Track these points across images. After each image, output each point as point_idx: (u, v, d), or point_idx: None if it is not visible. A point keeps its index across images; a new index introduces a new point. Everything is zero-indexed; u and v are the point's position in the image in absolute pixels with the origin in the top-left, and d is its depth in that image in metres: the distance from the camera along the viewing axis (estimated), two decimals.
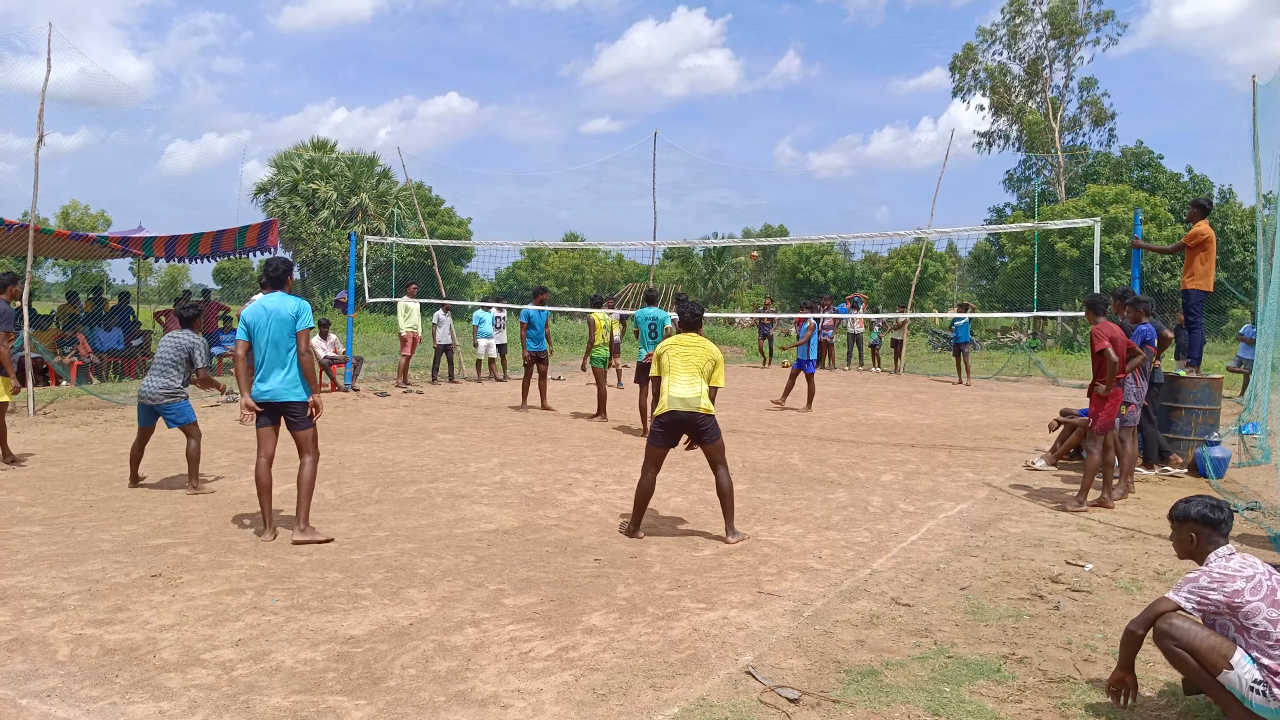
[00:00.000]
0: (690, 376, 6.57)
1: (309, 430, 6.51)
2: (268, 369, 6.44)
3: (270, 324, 6.41)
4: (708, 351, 6.69)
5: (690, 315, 6.97)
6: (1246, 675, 3.59)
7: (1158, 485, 9.01)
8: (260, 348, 6.46)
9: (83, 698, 3.89)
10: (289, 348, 6.43)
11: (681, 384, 6.55)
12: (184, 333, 8.23)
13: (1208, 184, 43.07)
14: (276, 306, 6.45)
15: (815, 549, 6.51)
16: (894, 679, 4.22)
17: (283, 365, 6.42)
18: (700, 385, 6.57)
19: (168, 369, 8.02)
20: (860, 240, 19.44)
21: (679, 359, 6.63)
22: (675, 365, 6.62)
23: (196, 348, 8.12)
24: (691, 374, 6.58)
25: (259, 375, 6.49)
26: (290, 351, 6.43)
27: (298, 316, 6.44)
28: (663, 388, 6.64)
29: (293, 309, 6.46)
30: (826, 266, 53.31)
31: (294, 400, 6.42)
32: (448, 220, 56.18)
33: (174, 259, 18.30)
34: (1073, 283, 36.52)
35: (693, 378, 6.57)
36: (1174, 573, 5.94)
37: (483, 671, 4.25)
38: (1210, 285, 10.11)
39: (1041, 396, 17.64)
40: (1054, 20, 44.49)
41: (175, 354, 8.06)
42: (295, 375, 6.43)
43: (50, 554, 5.98)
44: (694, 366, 6.60)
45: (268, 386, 6.41)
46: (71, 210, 58.28)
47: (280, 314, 6.42)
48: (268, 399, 6.43)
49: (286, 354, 6.43)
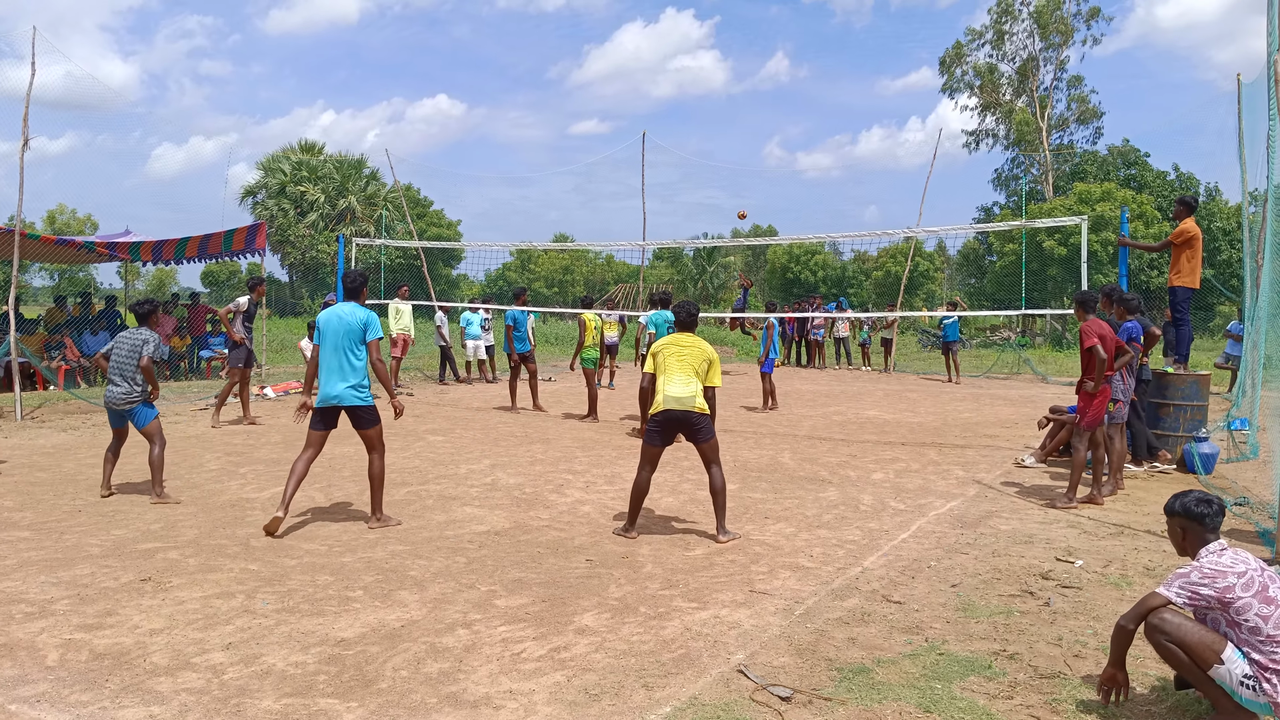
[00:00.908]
0: (685, 376, 6.61)
1: (374, 429, 6.93)
2: (330, 374, 6.84)
3: (339, 331, 6.82)
4: (703, 351, 6.71)
5: (685, 315, 6.96)
6: (1237, 670, 3.61)
7: (1147, 481, 9.05)
8: (325, 354, 6.87)
9: (72, 703, 3.86)
10: (356, 355, 6.86)
11: (677, 383, 6.59)
12: (138, 330, 7.88)
13: (1194, 182, 43.36)
14: (348, 315, 6.85)
15: (806, 547, 6.52)
16: (885, 676, 4.23)
17: (347, 371, 6.82)
18: (695, 385, 6.61)
19: (126, 370, 7.69)
20: (849, 240, 19.48)
21: (674, 358, 6.66)
22: (670, 365, 6.65)
23: (146, 343, 7.74)
24: (686, 374, 6.62)
25: (322, 379, 6.89)
26: (356, 358, 6.86)
27: (366, 327, 6.86)
28: (658, 386, 6.68)
29: (361, 319, 6.86)
30: (817, 266, 53.40)
31: (359, 404, 6.85)
32: (437, 222, 56.00)
33: (161, 263, 18.21)
34: (1061, 280, 36.68)
35: (688, 377, 6.61)
36: (1163, 568, 5.97)
37: (475, 673, 4.24)
38: (1197, 282, 10.15)
39: (1031, 394, 17.71)
40: (1040, 20, 44.67)
41: (130, 354, 7.71)
42: (361, 381, 6.88)
43: (39, 559, 5.94)
44: (689, 366, 6.63)
45: (333, 391, 6.82)
46: (58, 214, 57.91)
47: (350, 323, 6.83)
48: (332, 403, 6.85)
49: (352, 360, 6.85)
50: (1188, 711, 3.91)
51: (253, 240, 18.31)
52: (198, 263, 18.88)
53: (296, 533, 6.75)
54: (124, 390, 7.69)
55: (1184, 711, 3.91)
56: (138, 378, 7.71)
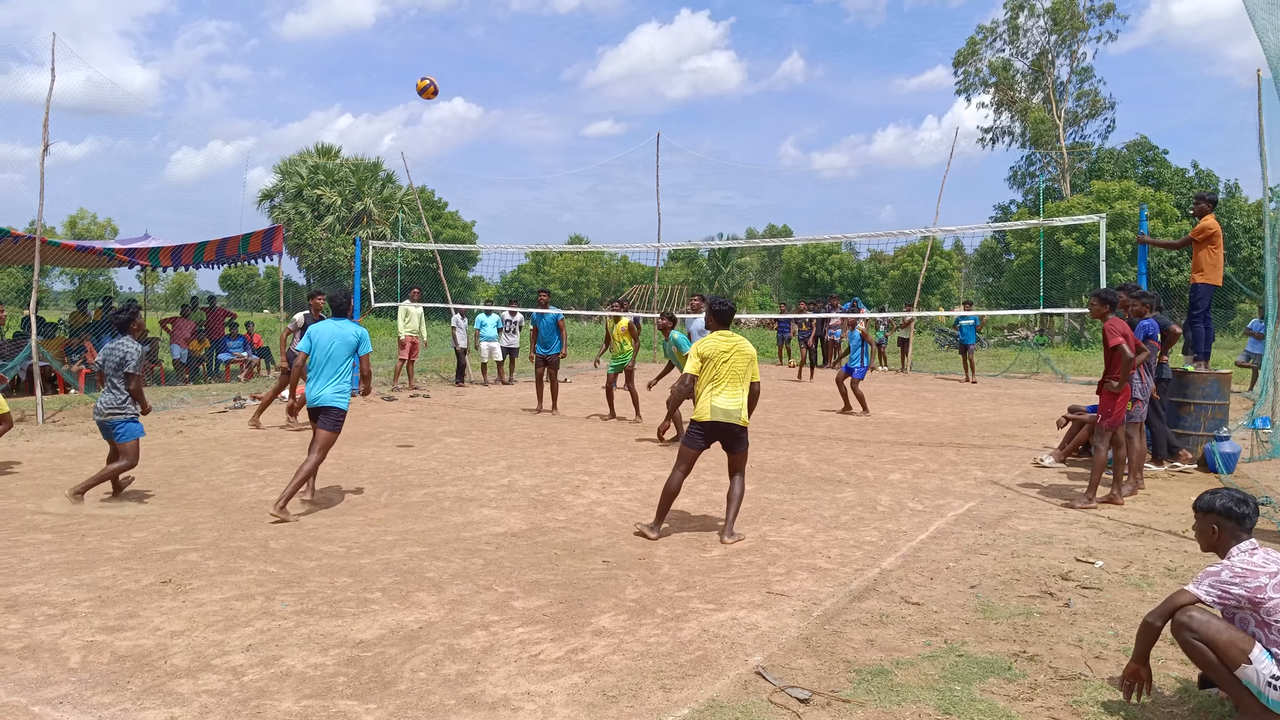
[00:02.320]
0: (734, 388, 6.66)
1: (330, 433, 7.60)
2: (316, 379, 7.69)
3: (333, 343, 7.67)
4: (746, 353, 6.75)
5: (722, 308, 6.96)
6: (1265, 670, 3.57)
7: (1167, 481, 8.98)
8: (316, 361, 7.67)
9: (94, 704, 3.89)
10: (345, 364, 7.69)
11: (725, 396, 6.63)
12: (120, 340, 7.68)
13: (1213, 179, 42.99)
14: (342, 330, 7.72)
15: (824, 549, 6.50)
16: (904, 678, 4.21)
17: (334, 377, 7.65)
18: (742, 397, 6.68)
19: (110, 382, 7.53)
20: (866, 239, 19.42)
21: (725, 368, 6.67)
22: (721, 375, 6.66)
23: (129, 354, 7.56)
24: (735, 385, 6.66)
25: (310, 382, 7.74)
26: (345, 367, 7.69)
27: (360, 341, 7.79)
28: (703, 392, 6.70)
29: (357, 335, 7.76)
30: (833, 266, 53.28)
31: (332, 405, 7.62)
32: (452, 224, 56.25)
33: (180, 267, 18.34)
34: (1079, 279, 36.42)
35: (735, 389, 6.66)
36: (1185, 569, 5.91)
37: (493, 674, 4.25)
38: (1219, 280, 10.06)
39: (1049, 394, 17.60)
40: (1056, 15, 44.40)
41: (115, 366, 7.56)
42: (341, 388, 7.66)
43: (60, 561, 5.99)
44: (738, 376, 6.68)
45: (318, 393, 7.64)
46: (79, 219, 58.53)
47: (346, 337, 7.71)
48: (315, 404, 7.64)
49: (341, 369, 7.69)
50: (1211, 713, 3.87)
51: (270, 243, 18.44)
52: (216, 267, 18.98)
53: (314, 535, 6.78)
54: (108, 400, 7.55)
55: (1207, 712, 3.87)
56: (123, 388, 7.56)
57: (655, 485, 8.61)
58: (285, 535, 6.74)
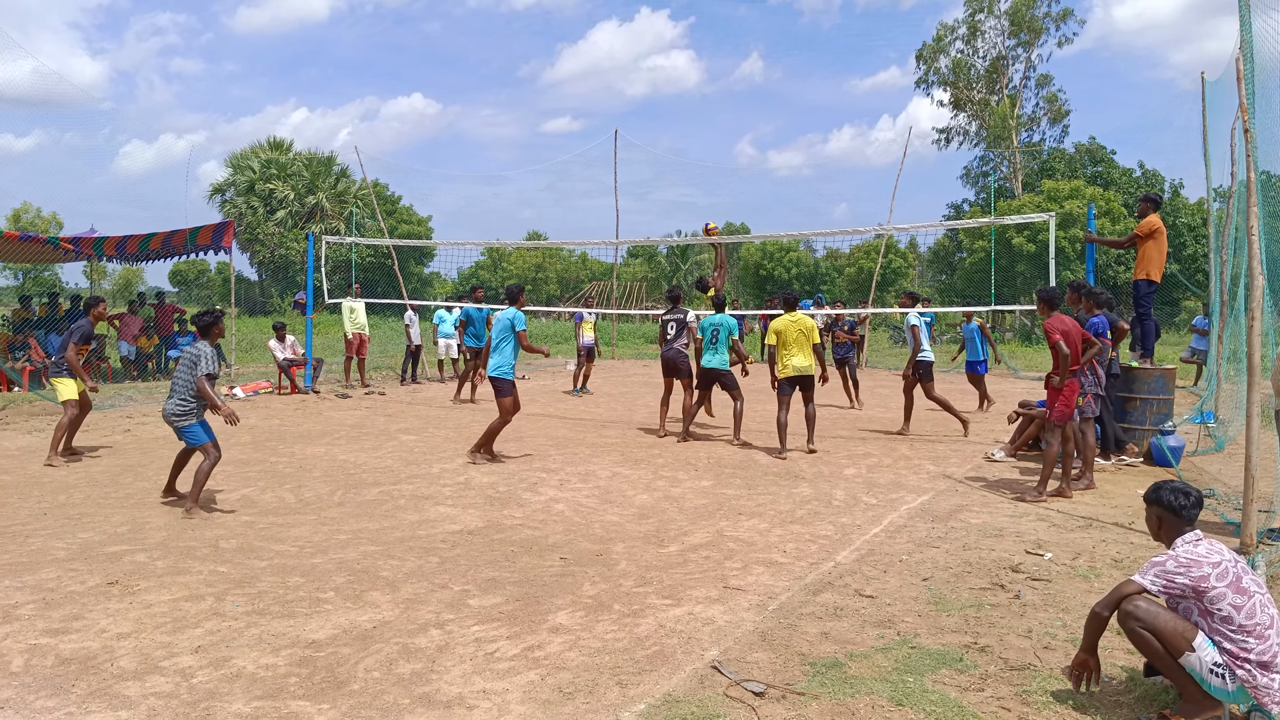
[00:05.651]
0: (805, 351, 10.16)
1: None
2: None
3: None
4: (809, 327, 10.20)
5: (792, 297, 10.62)
6: (1207, 658, 3.66)
7: (1115, 475, 9.16)
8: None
9: (38, 709, 3.80)
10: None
11: (799, 356, 10.15)
12: (197, 344, 7.55)
13: (1159, 178, 43.96)
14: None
15: (780, 543, 6.55)
16: (858, 670, 4.25)
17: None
18: (810, 356, 10.19)
19: (178, 385, 7.45)
20: (822, 237, 19.57)
21: (794, 337, 10.14)
22: (792, 342, 10.14)
23: (202, 356, 7.41)
24: (805, 349, 10.16)
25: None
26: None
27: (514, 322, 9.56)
28: (782, 355, 10.20)
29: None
30: (790, 263, 53.56)
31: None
32: (408, 219, 55.58)
33: (125, 260, 17.95)
34: (1030, 276, 37.06)
35: (805, 351, 10.16)
36: (1131, 560, 6.05)
37: (448, 673, 4.22)
38: (1159, 276, 10.29)
39: (1000, 389, 17.85)
40: (1014, 18, 45.10)
41: (187, 369, 7.44)
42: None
43: (3, 563, 5.84)
44: (805, 342, 10.15)
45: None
46: (23, 213, 56.98)
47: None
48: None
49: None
50: (1156, 700, 3.96)
51: (220, 238, 18.10)
52: (163, 260, 18.59)
53: (266, 534, 6.68)
54: (175, 403, 7.43)
55: (1152, 700, 3.96)
56: (192, 392, 7.42)
57: (613, 482, 8.63)
58: (236, 535, 6.63)
